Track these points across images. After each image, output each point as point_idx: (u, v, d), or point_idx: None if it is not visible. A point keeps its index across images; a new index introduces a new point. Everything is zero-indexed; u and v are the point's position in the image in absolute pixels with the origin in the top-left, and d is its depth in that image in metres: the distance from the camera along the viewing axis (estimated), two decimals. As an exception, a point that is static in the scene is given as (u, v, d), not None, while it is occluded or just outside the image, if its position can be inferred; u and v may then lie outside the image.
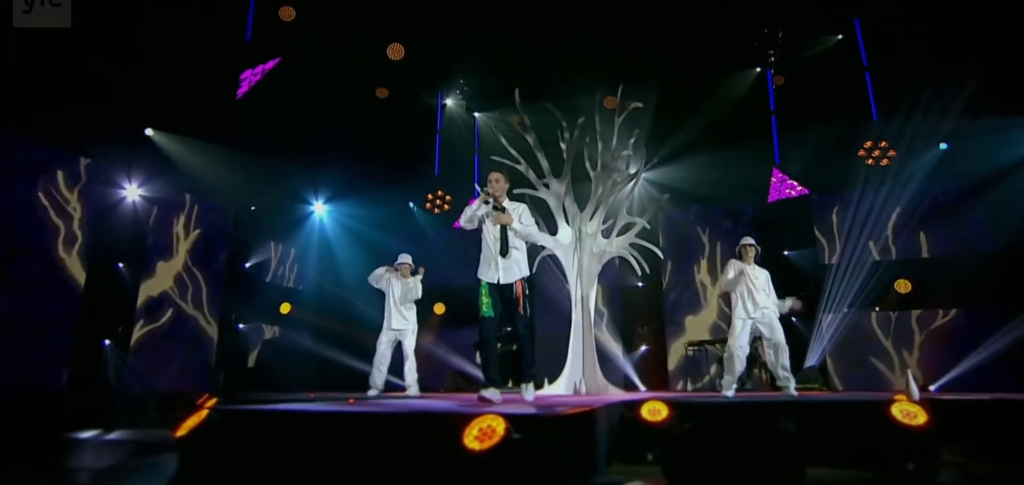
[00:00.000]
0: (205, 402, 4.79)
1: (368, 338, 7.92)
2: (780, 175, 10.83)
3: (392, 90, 11.37)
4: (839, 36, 10.01)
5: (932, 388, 9.05)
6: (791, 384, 6.08)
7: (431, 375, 10.15)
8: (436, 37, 10.47)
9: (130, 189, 9.51)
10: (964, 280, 9.62)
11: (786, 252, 10.67)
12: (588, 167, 7.55)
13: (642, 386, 10.42)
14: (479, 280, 4.86)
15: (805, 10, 9.60)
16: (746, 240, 6.44)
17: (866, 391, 8.73)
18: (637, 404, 4.42)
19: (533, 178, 7.40)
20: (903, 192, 9.96)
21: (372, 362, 7.31)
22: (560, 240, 7.46)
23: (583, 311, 7.25)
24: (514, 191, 6.34)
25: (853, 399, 4.87)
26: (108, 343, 9.00)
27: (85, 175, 8.96)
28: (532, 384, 4.97)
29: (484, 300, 4.79)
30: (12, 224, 8.04)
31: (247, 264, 11.89)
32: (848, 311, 10.27)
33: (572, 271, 7.44)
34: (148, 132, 9.51)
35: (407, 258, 7.58)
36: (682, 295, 11.75)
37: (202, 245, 10.98)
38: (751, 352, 8.16)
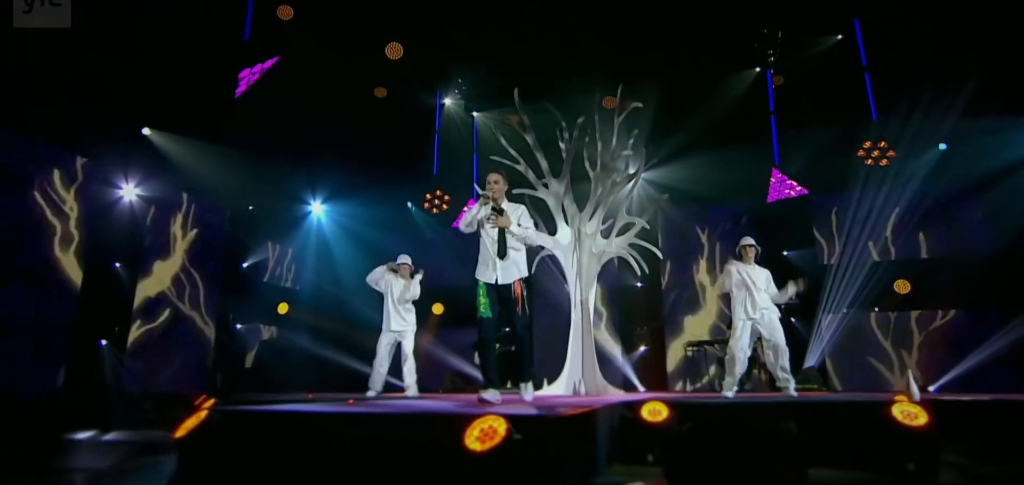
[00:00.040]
0: (203, 403, 4.76)
1: (366, 338, 7.89)
2: (779, 175, 10.82)
3: (390, 89, 11.35)
4: (838, 36, 10.02)
5: (931, 389, 9.04)
6: (791, 385, 6.08)
7: (430, 375, 10.11)
8: (435, 36, 10.45)
9: (127, 189, 9.48)
10: (963, 281, 9.61)
11: (785, 252, 10.66)
12: (587, 167, 7.53)
13: (641, 387, 10.40)
14: (477, 281, 4.84)
15: (804, 10, 9.60)
16: (746, 240, 6.42)
17: (865, 392, 8.72)
18: (637, 405, 4.39)
19: (532, 178, 7.38)
20: (902, 192, 9.95)
21: (372, 364, 7.29)
22: (559, 240, 7.44)
23: (582, 311, 7.23)
24: (513, 191, 6.33)
25: (854, 400, 4.85)
26: (105, 343, 8.96)
27: (82, 174, 8.92)
28: (531, 384, 4.96)
29: (482, 301, 4.76)
30: (8, 224, 7.99)
31: (245, 264, 11.85)
32: (847, 312, 10.26)
33: (571, 271, 7.42)
34: (145, 131, 9.47)
35: (407, 259, 7.55)
36: (681, 296, 11.73)
37: (199, 245, 10.94)
38: (751, 353, 8.16)
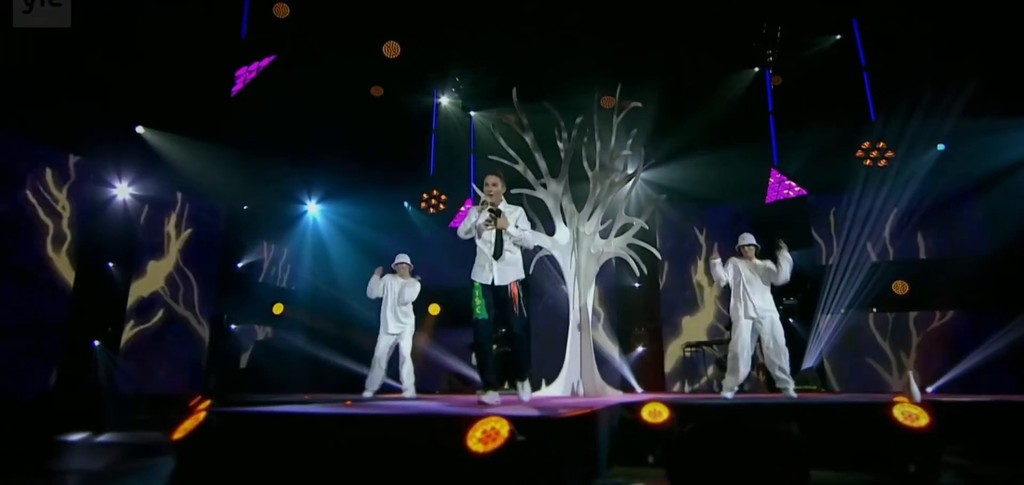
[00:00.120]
0: (197, 404, 4.70)
1: (362, 339, 7.84)
2: (778, 175, 10.82)
3: (387, 88, 11.30)
4: (837, 36, 10.02)
5: (929, 390, 9.04)
6: (790, 386, 6.04)
7: (427, 376, 10.06)
8: (434, 36, 10.42)
9: (120, 187, 9.40)
10: (961, 281, 9.61)
11: (784, 253, 10.64)
12: (586, 167, 7.49)
13: (639, 387, 10.37)
14: (472, 282, 4.79)
15: (803, 10, 9.60)
16: (746, 239, 6.37)
17: (864, 392, 8.71)
18: (638, 406, 4.35)
19: (531, 178, 7.34)
20: (901, 193, 9.94)
21: (369, 365, 7.24)
22: (558, 241, 7.40)
23: (581, 312, 7.19)
24: (512, 191, 6.29)
25: (854, 401, 4.84)
26: (98, 344, 8.88)
27: (74, 173, 8.84)
28: (528, 383, 4.92)
29: (478, 302, 4.71)
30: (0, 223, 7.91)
31: (239, 264, 11.76)
32: (846, 312, 10.24)
33: (570, 272, 7.37)
34: (139, 130, 9.40)
35: (405, 257, 7.50)
36: (679, 296, 11.71)
37: (194, 244, 10.85)
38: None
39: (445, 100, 12.08)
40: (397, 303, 7.26)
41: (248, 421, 3.40)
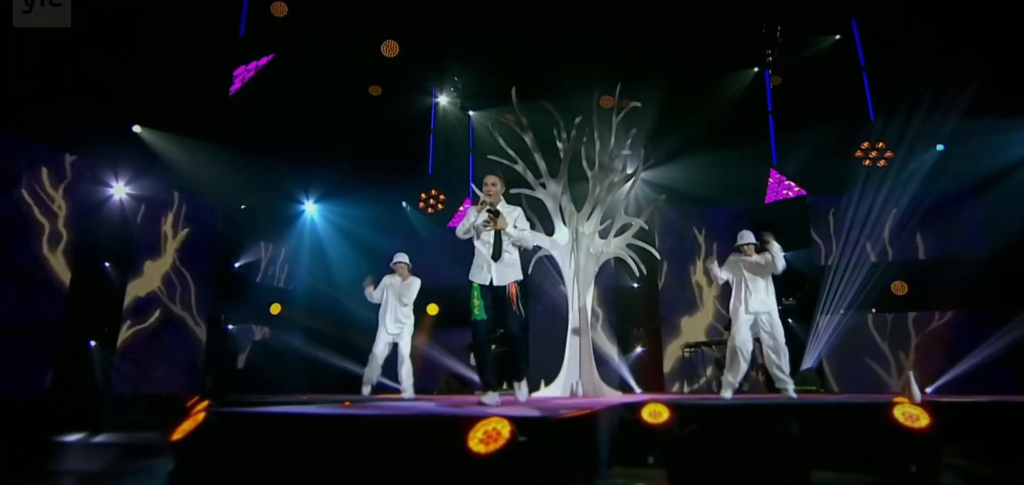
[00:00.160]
0: (195, 404, 4.66)
1: (360, 339, 7.81)
2: (777, 176, 10.82)
3: (385, 88, 11.27)
4: (837, 36, 10.01)
5: (928, 390, 9.03)
6: (789, 386, 6.02)
7: (425, 376, 10.03)
8: (432, 35, 10.39)
9: (117, 187, 9.34)
10: (960, 282, 9.57)
11: (783, 253, 10.63)
12: (585, 167, 7.47)
13: (637, 388, 10.35)
14: (470, 283, 4.77)
15: (802, 10, 9.59)
16: (746, 238, 6.35)
17: (863, 393, 8.70)
18: (638, 406, 4.33)
19: (530, 178, 7.31)
20: (900, 193, 9.93)
21: (367, 363, 7.20)
22: (557, 241, 7.38)
23: (580, 312, 7.16)
24: (511, 191, 6.26)
25: (855, 401, 4.82)
26: (94, 344, 8.82)
27: (70, 172, 8.78)
28: (525, 383, 4.90)
29: (476, 303, 4.69)
30: (-6, 222, 7.87)
31: (237, 264, 11.72)
32: (845, 313, 10.23)
33: (569, 272, 7.35)
34: (136, 129, 9.35)
35: (403, 257, 7.46)
36: (678, 296, 11.69)
37: (191, 244, 10.79)
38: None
39: (444, 99, 12.06)
40: (398, 304, 7.23)
41: (248, 422, 3.37)
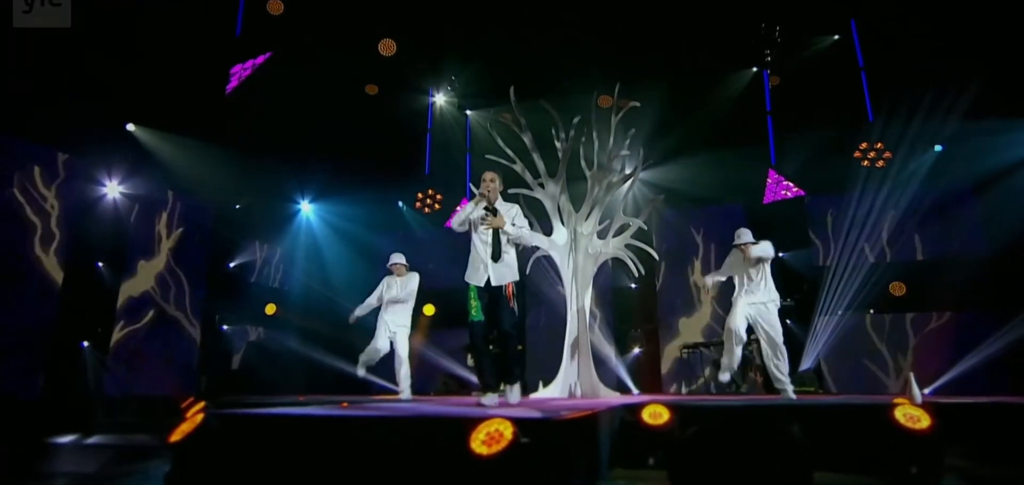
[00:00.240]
0: (189, 406, 4.61)
1: (356, 340, 7.76)
2: (776, 176, 10.82)
3: (382, 87, 11.24)
4: (836, 36, 10.03)
5: (926, 391, 9.03)
6: (789, 388, 5.99)
7: (422, 377, 9.99)
8: (429, 34, 10.36)
9: (110, 186, 9.26)
10: (959, 283, 9.56)
11: (781, 254, 10.62)
12: (584, 167, 7.43)
13: (635, 389, 10.32)
14: (467, 284, 4.71)
15: (801, 10, 9.60)
16: (744, 237, 6.32)
17: (861, 394, 8.69)
18: (638, 407, 4.29)
19: (528, 178, 7.27)
20: (899, 194, 9.93)
21: (365, 348, 7.17)
22: (555, 241, 7.34)
23: (578, 313, 7.13)
24: (508, 191, 6.21)
25: (855, 402, 4.80)
26: (87, 345, 8.75)
27: (63, 171, 8.69)
28: (518, 386, 4.80)
29: (473, 304, 4.64)
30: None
31: (232, 264, 11.64)
32: (843, 314, 10.22)
33: (567, 272, 7.31)
34: (129, 127, 9.28)
35: (400, 257, 7.42)
36: (676, 297, 11.67)
37: (185, 244, 10.69)
38: (746, 354, 8.10)
39: (441, 99, 12.03)
40: (396, 300, 7.19)
41: (246, 424, 3.32)
